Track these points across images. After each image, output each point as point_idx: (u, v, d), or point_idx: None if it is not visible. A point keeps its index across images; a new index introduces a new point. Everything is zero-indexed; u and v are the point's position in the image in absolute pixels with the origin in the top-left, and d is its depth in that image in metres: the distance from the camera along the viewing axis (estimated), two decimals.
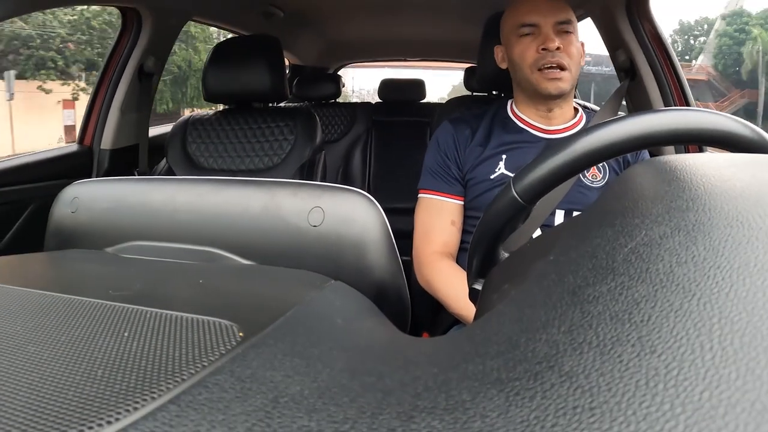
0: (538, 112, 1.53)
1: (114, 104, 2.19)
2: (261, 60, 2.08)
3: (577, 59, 1.46)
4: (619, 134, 0.57)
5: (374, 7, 3.16)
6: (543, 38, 1.43)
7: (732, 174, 0.33)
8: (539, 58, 1.43)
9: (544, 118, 1.53)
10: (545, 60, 1.42)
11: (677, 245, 0.27)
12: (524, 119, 1.55)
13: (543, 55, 1.42)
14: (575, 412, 0.22)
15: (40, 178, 1.95)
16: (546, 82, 1.43)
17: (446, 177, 1.54)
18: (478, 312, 0.65)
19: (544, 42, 1.42)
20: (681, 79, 1.91)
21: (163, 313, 0.46)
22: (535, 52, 1.43)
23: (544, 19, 1.44)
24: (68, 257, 0.79)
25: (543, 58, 1.42)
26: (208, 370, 0.34)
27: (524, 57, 1.45)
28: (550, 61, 1.41)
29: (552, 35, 1.42)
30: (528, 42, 1.45)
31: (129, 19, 2.16)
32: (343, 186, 0.75)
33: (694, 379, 0.20)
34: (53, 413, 0.30)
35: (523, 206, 0.64)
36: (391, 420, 0.27)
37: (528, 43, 1.45)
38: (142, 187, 0.87)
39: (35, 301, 0.51)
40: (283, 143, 2.12)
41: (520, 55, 1.46)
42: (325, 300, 0.55)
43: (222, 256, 0.75)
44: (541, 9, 1.45)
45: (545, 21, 1.43)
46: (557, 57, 1.41)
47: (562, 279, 0.31)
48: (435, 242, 1.50)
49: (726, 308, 0.23)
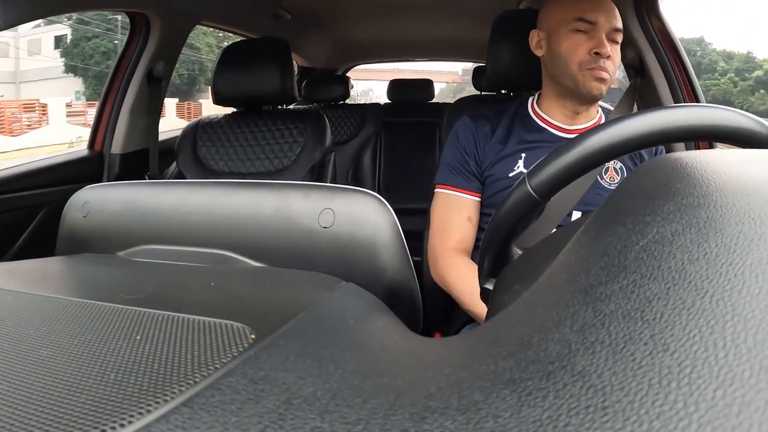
0: (564, 110, 1.50)
1: (124, 109, 2.20)
2: (270, 63, 2.08)
3: (615, 70, 1.43)
4: (634, 130, 0.57)
5: (382, 9, 3.16)
6: (597, 41, 1.38)
7: (743, 170, 0.33)
8: (590, 60, 1.38)
9: (567, 118, 1.51)
10: (596, 64, 1.38)
11: (689, 242, 0.27)
12: (545, 118, 1.52)
13: (594, 58, 1.38)
14: (588, 412, 0.22)
15: (51, 183, 1.96)
16: (592, 81, 1.39)
17: (464, 173, 1.52)
18: (490, 312, 0.65)
19: (597, 46, 1.37)
20: (691, 76, 1.89)
21: (175, 316, 0.46)
22: (587, 53, 1.39)
23: (604, 20, 1.39)
24: (80, 261, 0.79)
25: (594, 62, 1.38)
26: (220, 372, 0.34)
27: (574, 53, 1.40)
28: (600, 66, 1.38)
29: (605, 42, 1.38)
30: (581, 40, 1.40)
31: (138, 24, 2.16)
32: (354, 187, 0.75)
33: (708, 377, 0.20)
34: (66, 416, 0.30)
35: (537, 201, 0.64)
36: (404, 421, 0.27)
37: (581, 41, 1.40)
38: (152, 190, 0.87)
39: (48, 305, 0.51)
40: (293, 145, 2.12)
41: (570, 50, 1.41)
42: (336, 301, 0.55)
43: (233, 258, 0.75)
44: (604, 9, 1.40)
45: (604, 23, 1.39)
46: (606, 64, 1.38)
47: (574, 278, 0.31)
48: (451, 238, 1.48)
49: (739, 305, 0.23)
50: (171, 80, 2.31)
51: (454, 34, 3.87)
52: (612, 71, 1.40)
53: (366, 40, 4.19)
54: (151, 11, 2.09)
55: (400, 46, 4.50)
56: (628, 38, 1.95)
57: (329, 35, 3.88)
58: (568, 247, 0.36)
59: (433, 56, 5.20)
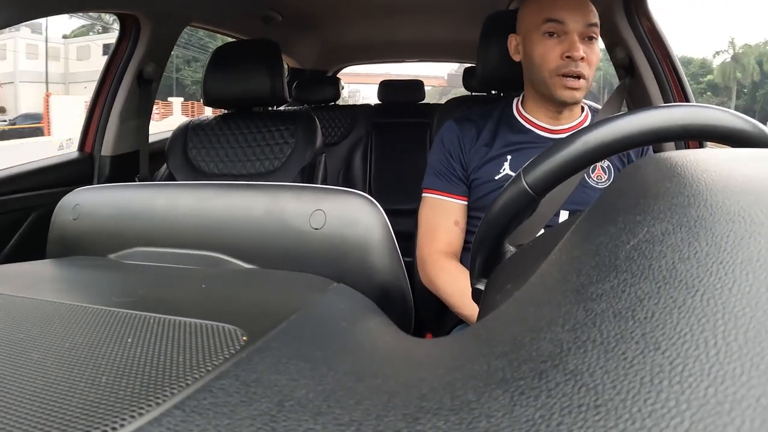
0: (547, 112, 1.50)
1: (114, 111, 2.19)
2: (260, 64, 2.08)
3: (595, 67, 1.42)
4: (630, 127, 0.58)
5: (372, 10, 3.16)
6: (569, 44, 1.36)
7: (733, 169, 0.33)
8: (562, 65, 1.37)
9: (551, 119, 1.51)
10: (568, 69, 1.36)
11: (680, 241, 0.27)
12: (530, 119, 1.52)
13: (566, 63, 1.36)
14: (580, 411, 0.22)
15: (41, 186, 1.95)
16: (563, 90, 1.39)
17: (450, 177, 1.52)
18: (482, 312, 0.65)
19: (569, 49, 1.36)
20: (680, 76, 1.90)
21: (166, 318, 0.46)
22: (559, 58, 1.37)
23: (572, 18, 1.37)
24: (71, 264, 0.79)
25: (566, 66, 1.37)
26: (212, 374, 0.34)
27: (546, 60, 1.39)
28: (573, 71, 1.36)
29: (577, 43, 1.36)
30: (552, 45, 1.39)
31: (128, 26, 2.16)
32: (345, 188, 0.75)
33: (699, 375, 0.20)
34: (58, 420, 0.30)
35: (532, 198, 0.64)
36: (397, 422, 0.27)
37: (552, 46, 1.39)
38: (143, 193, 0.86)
39: (38, 309, 0.51)
40: (284, 147, 2.12)
41: (542, 57, 1.40)
42: (328, 303, 0.55)
43: (224, 260, 0.75)
44: (572, 6, 1.38)
45: (573, 20, 1.37)
46: (580, 67, 1.36)
47: (566, 277, 0.31)
48: (439, 242, 1.49)
49: (729, 304, 0.23)
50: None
51: (444, 35, 3.87)
52: (587, 73, 1.39)
53: (356, 41, 4.19)
54: (141, 13, 2.09)
55: (390, 47, 4.49)
56: (617, 38, 1.96)
57: (319, 37, 3.87)
58: (559, 247, 0.36)
59: (424, 57, 5.19)
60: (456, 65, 5.19)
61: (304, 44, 3.92)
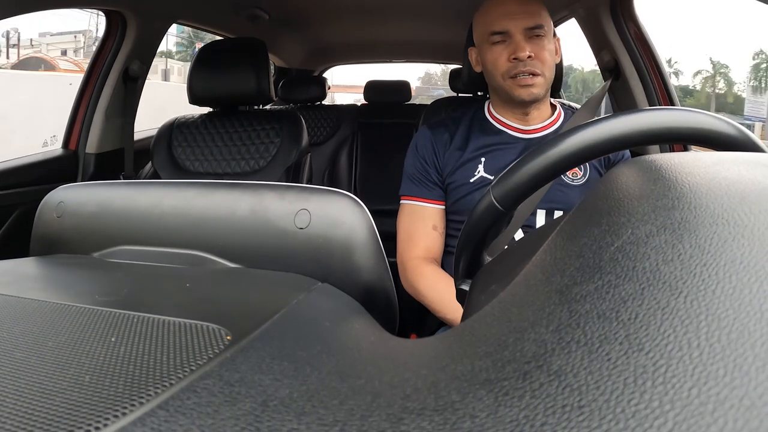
0: (515, 113, 1.54)
1: (99, 108, 2.18)
2: (246, 63, 2.08)
3: (550, 63, 1.46)
4: (598, 136, 0.57)
5: (359, 10, 3.16)
6: (514, 47, 1.41)
7: (717, 172, 0.33)
8: (511, 67, 1.42)
9: (521, 120, 1.54)
10: (517, 69, 1.41)
11: (663, 243, 0.28)
12: (502, 120, 1.55)
13: (515, 64, 1.42)
14: (564, 411, 0.22)
15: (24, 183, 1.94)
16: (518, 89, 1.43)
17: (426, 182, 1.54)
18: (466, 312, 0.65)
19: (515, 51, 1.41)
20: (665, 79, 1.92)
21: (150, 317, 0.46)
22: (507, 61, 1.43)
23: (514, 25, 1.42)
24: (54, 262, 0.78)
25: (515, 68, 1.42)
26: (196, 374, 0.34)
27: (496, 65, 1.45)
28: (522, 71, 1.41)
29: (522, 43, 1.41)
30: (500, 50, 1.44)
31: (113, 23, 2.14)
32: (330, 188, 0.75)
33: (682, 376, 0.21)
34: (40, 420, 0.30)
35: (502, 212, 0.64)
36: (381, 422, 0.27)
37: (500, 51, 1.44)
38: (128, 191, 0.86)
39: (21, 307, 0.50)
40: (269, 146, 2.12)
41: (492, 63, 1.46)
42: (312, 303, 0.55)
43: (209, 259, 0.75)
44: (511, 14, 1.43)
45: (515, 27, 1.42)
46: (529, 66, 1.41)
47: (550, 278, 0.31)
48: (418, 247, 1.50)
49: (713, 305, 0.23)
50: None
51: (431, 36, 3.87)
52: (540, 69, 1.43)
53: (343, 41, 4.18)
54: (127, 9, 2.08)
55: (376, 47, 4.49)
56: (603, 41, 1.97)
57: (306, 36, 3.86)
58: (543, 248, 0.36)
59: (410, 58, 5.19)
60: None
61: (291, 43, 3.92)
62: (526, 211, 1.36)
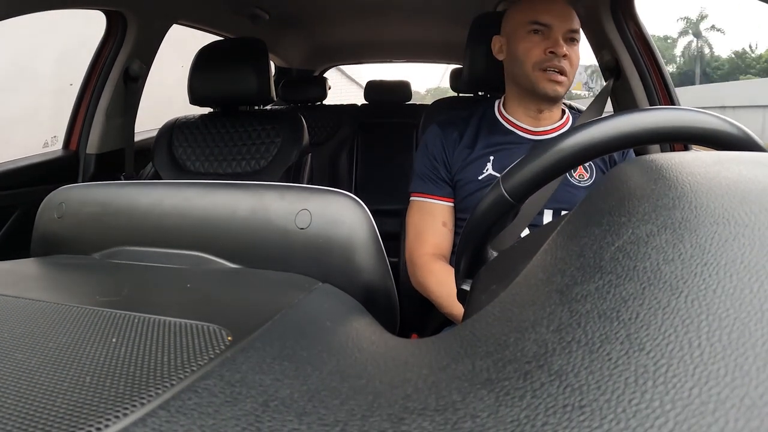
0: (528, 111, 1.54)
1: (99, 108, 2.17)
2: (246, 63, 2.08)
3: (576, 68, 1.47)
4: (608, 132, 0.58)
5: (360, 10, 3.16)
6: (553, 41, 1.43)
7: (717, 172, 0.33)
8: (545, 59, 1.43)
9: (532, 119, 1.54)
10: (550, 63, 1.42)
11: (664, 243, 0.28)
12: (512, 120, 1.55)
13: (549, 57, 1.43)
14: (565, 411, 0.22)
15: (25, 184, 1.94)
16: (546, 83, 1.44)
17: (435, 180, 1.55)
18: (467, 313, 0.65)
19: (553, 45, 1.42)
20: (666, 78, 1.91)
21: (151, 318, 0.46)
22: (542, 52, 1.43)
23: (558, 23, 1.44)
24: (55, 263, 0.78)
25: (548, 60, 1.43)
26: (197, 374, 0.34)
27: (529, 54, 1.45)
28: (555, 65, 1.42)
29: (561, 41, 1.42)
30: (537, 41, 1.45)
31: (114, 23, 2.14)
32: (330, 188, 0.75)
33: (683, 375, 0.21)
34: (42, 421, 0.30)
35: (511, 204, 0.64)
36: (382, 422, 0.27)
37: (537, 41, 1.45)
38: (128, 191, 0.86)
39: (22, 308, 0.50)
40: (270, 146, 2.12)
41: (526, 51, 1.46)
42: (313, 303, 0.55)
43: (210, 260, 0.75)
44: (557, 11, 1.45)
45: (558, 25, 1.44)
46: (562, 63, 1.42)
47: (550, 278, 0.31)
48: (427, 244, 1.51)
49: (713, 305, 0.23)
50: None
51: (432, 36, 3.87)
52: (569, 71, 1.45)
53: (343, 41, 4.18)
54: (128, 10, 2.07)
55: (377, 47, 4.49)
56: (604, 41, 1.97)
57: (306, 36, 3.86)
58: (544, 248, 0.36)
59: (411, 58, 5.18)
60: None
61: (291, 43, 3.91)
62: (533, 209, 1.36)
